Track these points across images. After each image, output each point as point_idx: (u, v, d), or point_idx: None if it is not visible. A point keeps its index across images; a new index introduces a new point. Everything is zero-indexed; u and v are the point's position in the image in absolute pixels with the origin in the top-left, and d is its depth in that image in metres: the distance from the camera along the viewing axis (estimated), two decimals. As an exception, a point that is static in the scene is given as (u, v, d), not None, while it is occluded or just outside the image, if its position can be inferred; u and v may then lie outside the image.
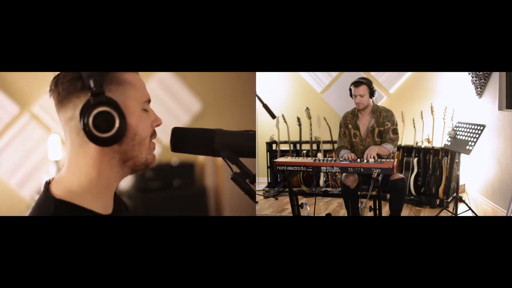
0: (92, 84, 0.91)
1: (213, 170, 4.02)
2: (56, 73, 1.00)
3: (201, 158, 4.01)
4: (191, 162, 3.94)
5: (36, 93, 3.68)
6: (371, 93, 3.18)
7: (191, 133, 1.05)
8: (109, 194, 1.03)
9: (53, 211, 0.94)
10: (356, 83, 3.16)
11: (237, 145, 1.02)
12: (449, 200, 4.31)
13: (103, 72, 0.95)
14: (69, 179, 0.98)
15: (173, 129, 1.05)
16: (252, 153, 1.04)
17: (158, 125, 1.04)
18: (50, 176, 3.48)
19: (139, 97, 0.99)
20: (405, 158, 4.59)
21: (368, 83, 3.17)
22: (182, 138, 1.04)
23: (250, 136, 1.04)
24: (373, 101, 3.24)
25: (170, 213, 3.54)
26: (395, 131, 3.21)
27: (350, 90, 3.22)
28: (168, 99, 3.95)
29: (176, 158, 3.84)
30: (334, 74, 5.17)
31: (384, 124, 3.19)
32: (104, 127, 0.92)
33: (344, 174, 3.19)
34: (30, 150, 3.71)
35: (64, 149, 3.60)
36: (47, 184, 1.01)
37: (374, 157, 2.98)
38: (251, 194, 0.99)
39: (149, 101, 1.02)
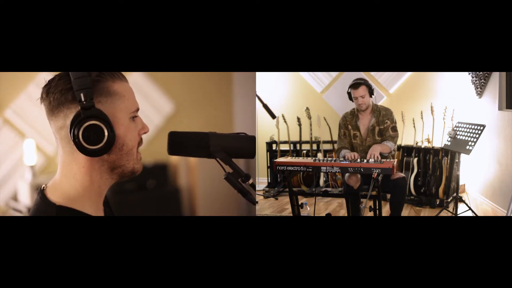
0: (82, 97, 0.93)
1: (186, 170, 4.05)
2: (47, 79, 1.00)
3: (174, 159, 4.04)
4: (164, 163, 3.97)
5: (9, 98, 3.61)
6: (370, 92, 3.18)
7: (187, 136, 1.08)
8: (99, 199, 1.06)
9: (41, 211, 0.99)
10: (355, 85, 3.16)
11: (231, 147, 1.08)
12: (449, 200, 4.31)
13: (93, 83, 0.96)
14: (64, 184, 1.01)
15: (170, 133, 1.08)
16: (248, 154, 1.09)
17: (145, 133, 1.06)
18: (25, 181, 3.45)
19: (128, 107, 1.01)
20: (405, 158, 4.59)
21: (366, 83, 3.17)
22: (178, 142, 1.08)
23: (242, 138, 1.09)
24: (372, 100, 3.24)
25: (144, 214, 3.59)
26: (395, 129, 3.21)
27: (349, 93, 3.21)
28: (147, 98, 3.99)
29: (150, 159, 3.86)
30: (334, 74, 5.17)
31: (384, 122, 3.19)
32: (94, 140, 0.95)
33: (347, 174, 3.19)
34: (3, 156, 3.63)
35: (40, 154, 3.58)
36: (42, 190, 1.02)
37: (377, 157, 2.97)
38: (243, 192, 1.07)
39: (137, 109, 1.04)
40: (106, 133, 0.96)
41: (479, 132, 3.36)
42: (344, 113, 3.35)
